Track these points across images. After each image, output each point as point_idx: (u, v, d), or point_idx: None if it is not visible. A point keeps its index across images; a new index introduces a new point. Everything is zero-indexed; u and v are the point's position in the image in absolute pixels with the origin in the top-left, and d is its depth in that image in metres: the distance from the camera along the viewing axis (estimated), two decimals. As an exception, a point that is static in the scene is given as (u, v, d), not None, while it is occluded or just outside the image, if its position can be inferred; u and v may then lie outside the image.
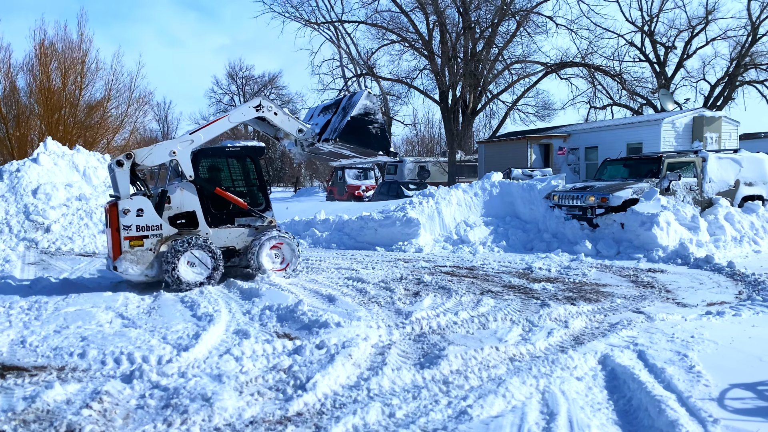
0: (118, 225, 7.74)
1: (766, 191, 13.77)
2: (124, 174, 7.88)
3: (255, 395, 4.17)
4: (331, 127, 8.97)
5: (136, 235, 7.80)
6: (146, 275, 7.91)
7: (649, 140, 23.67)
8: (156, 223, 7.92)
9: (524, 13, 32.80)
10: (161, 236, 7.95)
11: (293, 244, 8.80)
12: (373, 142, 8.96)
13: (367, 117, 8.85)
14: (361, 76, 33.85)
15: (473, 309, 6.54)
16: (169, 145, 8.12)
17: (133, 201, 7.82)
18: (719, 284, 8.20)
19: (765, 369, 4.44)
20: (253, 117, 8.65)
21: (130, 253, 7.77)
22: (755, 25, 35.91)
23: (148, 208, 7.88)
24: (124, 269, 7.74)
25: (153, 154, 8.02)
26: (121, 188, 7.86)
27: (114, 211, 7.77)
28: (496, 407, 3.88)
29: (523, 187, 14.08)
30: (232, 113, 8.63)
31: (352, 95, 9.31)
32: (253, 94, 71.29)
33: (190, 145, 8.14)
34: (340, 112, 9.11)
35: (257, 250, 8.42)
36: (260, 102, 8.56)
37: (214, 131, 8.39)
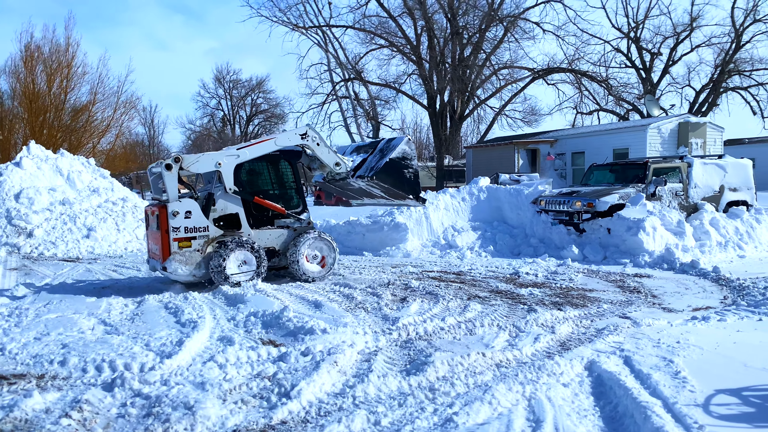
0: (167, 227, 7.97)
1: (750, 197, 13.90)
2: (172, 177, 8.07)
3: (239, 403, 4.11)
4: (367, 166, 9.26)
5: (184, 237, 8.07)
6: (194, 275, 8.20)
7: (635, 146, 23.88)
8: (203, 225, 8.21)
9: (511, 19, 33.00)
10: (208, 237, 8.24)
11: (330, 245, 9.13)
12: (406, 186, 9.25)
13: (404, 161, 9.16)
14: (349, 80, 33.85)
15: (460, 314, 6.52)
16: (217, 156, 8.38)
17: (181, 203, 8.06)
18: (705, 289, 8.24)
19: (750, 374, 4.45)
20: (297, 143, 8.98)
21: (179, 254, 8.02)
22: (739, 33, 36.41)
23: (195, 211, 8.16)
24: (173, 269, 7.98)
25: (200, 162, 8.28)
26: (170, 191, 8.07)
27: (163, 213, 7.98)
28: (482, 414, 3.85)
29: (510, 192, 14.11)
30: (278, 137, 8.95)
31: (390, 140, 9.57)
32: (240, 98, 71.08)
33: (235, 160, 8.44)
34: (377, 153, 9.39)
35: (297, 252, 8.76)
36: (307, 131, 8.98)
37: (259, 150, 8.65)
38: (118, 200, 15.96)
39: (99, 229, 14.37)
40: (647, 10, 38.96)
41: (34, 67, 26.42)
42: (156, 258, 8.43)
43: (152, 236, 8.59)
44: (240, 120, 73.23)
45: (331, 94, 34.52)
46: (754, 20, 35.98)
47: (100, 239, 14.06)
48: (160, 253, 8.17)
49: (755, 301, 7.08)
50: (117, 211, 15.41)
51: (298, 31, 33.12)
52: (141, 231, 15.08)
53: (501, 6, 33.66)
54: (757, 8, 35.69)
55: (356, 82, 34.59)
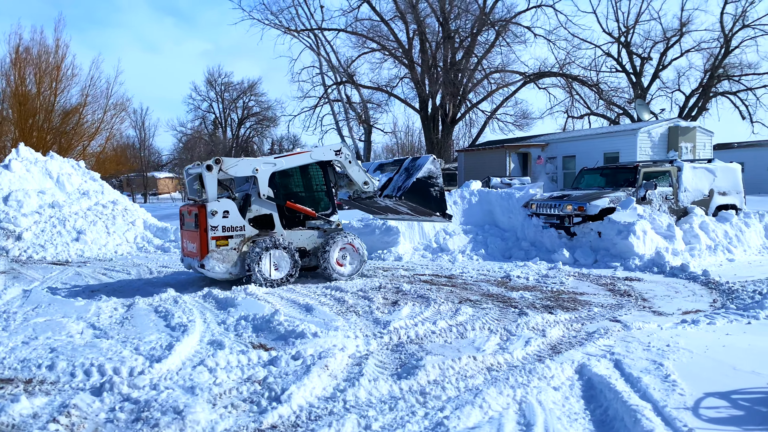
0: (206, 225, 8.27)
1: (739, 200, 14.00)
2: (212, 178, 8.40)
3: (229, 407, 4.09)
4: (393, 185, 9.61)
5: (222, 235, 8.39)
6: (230, 273, 8.51)
7: (626, 150, 24.01)
8: (240, 225, 8.53)
9: (503, 23, 33.12)
10: (244, 236, 8.57)
11: (359, 246, 9.44)
12: (433, 204, 9.52)
13: (430, 180, 9.46)
14: (341, 83, 33.85)
15: (451, 318, 6.52)
16: (255, 162, 8.73)
17: (220, 203, 8.39)
18: (694, 293, 8.28)
19: (739, 378, 4.47)
20: (331, 159, 9.36)
21: (217, 252, 8.34)
22: (728, 38, 36.72)
23: (233, 210, 8.48)
24: (210, 267, 8.28)
25: (238, 166, 8.62)
26: (209, 191, 8.40)
27: (202, 212, 8.30)
28: (473, 418, 3.84)
29: (501, 195, 14.14)
30: (314, 151, 9.34)
31: (415, 158, 9.86)
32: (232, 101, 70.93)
33: (272, 168, 8.80)
34: (403, 172, 9.73)
35: (328, 253, 9.09)
36: (341, 148, 9.44)
37: (295, 161, 9.10)
38: (108, 203, 15.87)
39: (89, 232, 14.28)
40: (637, 15, 39.24)
41: (23, 68, 26.26)
42: (192, 256, 8.72)
43: (188, 235, 8.88)
44: (231, 123, 73.05)
45: (323, 97, 34.51)
46: (742, 26, 36.31)
47: (90, 242, 13.97)
48: (197, 251, 8.45)
49: (744, 305, 7.12)
50: (107, 214, 15.32)
51: (290, 34, 33.11)
52: (131, 234, 15.00)
53: (492, 10, 33.80)
54: (745, 14, 36.04)
55: (348, 85, 34.61)
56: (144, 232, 15.34)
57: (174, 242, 14.81)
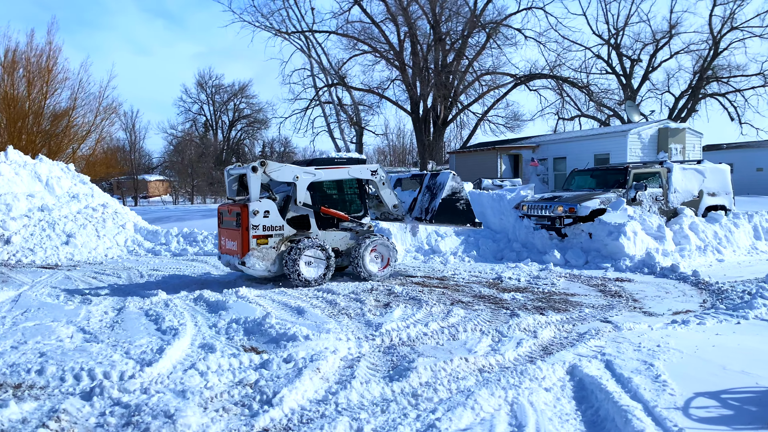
0: (248, 224, 8.58)
1: (729, 201, 14.11)
2: (256, 179, 8.70)
3: (220, 411, 4.07)
4: (420, 207, 10.08)
5: (262, 234, 8.71)
6: (269, 271, 8.81)
7: (616, 151, 24.14)
8: (279, 224, 8.87)
9: (494, 26, 33.24)
10: (282, 236, 8.89)
11: (390, 246, 9.72)
12: (462, 218, 9.97)
13: (455, 196, 9.89)
14: (332, 86, 33.84)
15: (443, 320, 6.52)
16: (296, 170, 9.05)
17: (261, 203, 8.71)
18: (684, 293, 8.33)
19: (728, 377, 4.50)
20: (367, 178, 9.76)
21: (257, 250, 8.64)
22: (716, 40, 37.03)
23: (273, 210, 8.82)
24: (251, 264, 8.59)
25: (281, 171, 8.93)
26: (253, 191, 8.71)
27: (245, 211, 8.60)
28: (464, 420, 3.85)
29: (493, 197, 14.18)
30: (352, 168, 9.65)
31: (434, 175, 10.21)
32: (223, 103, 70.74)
33: (311, 178, 9.13)
34: (426, 192, 10.13)
35: (361, 254, 9.39)
36: (377, 169, 9.83)
37: (333, 175, 9.45)
38: (98, 206, 15.78)
39: (78, 236, 14.19)
40: (627, 17, 39.50)
41: (13, 71, 26.07)
42: (231, 253, 9.03)
43: (228, 233, 9.18)
44: (222, 125, 72.90)
45: (315, 99, 34.50)
46: (731, 28, 36.62)
47: (80, 246, 13.88)
48: (238, 248, 8.77)
49: (734, 305, 7.17)
50: (97, 217, 15.23)
51: (280, 37, 33.07)
52: (121, 237, 14.91)
53: (483, 12, 33.91)
54: (734, 16, 36.36)
55: (339, 87, 34.60)
56: (134, 236, 15.26)
57: (164, 245, 14.74)
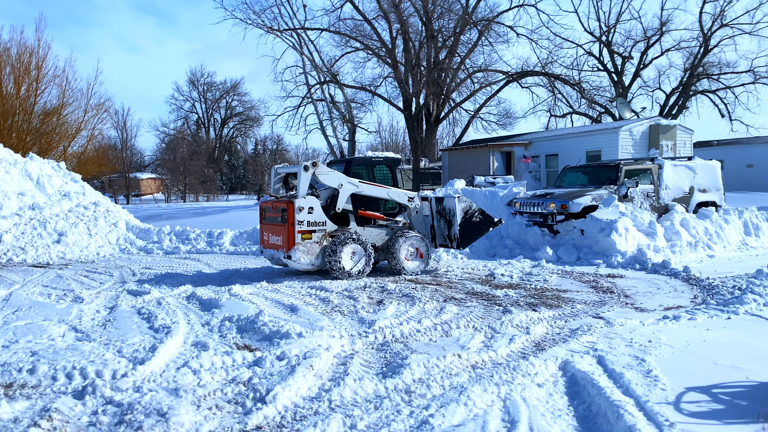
0: (293, 220, 9.02)
1: (719, 197, 14.20)
2: (306, 178, 9.16)
3: (213, 409, 4.06)
4: (440, 233, 10.51)
5: (306, 230, 9.16)
6: (312, 264, 9.20)
7: (608, 148, 24.23)
8: (322, 220, 9.32)
9: (486, 23, 33.24)
10: (325, 231, 9.34)
11: (425, 243, 10.10)
12: (483, 227, 10.38)
13: (468, 214, 10.23)
14: (324, 83, 33.75)
15: (436, 316, 6.54)
16: (342, 179, 9.52)
17: (306, 200, 9.15)
18: (676, 289, 8.38)
19: (719, 372, 4.54)
20: (403, 202, 10.23)
21: (302, 245, 9.08)
22: (707, 37, 37.20)
23: (317, 207, 9.27)
24: (296, 258, 9.00)
25: (329, 175, 9.39)
26: (302, 189, 9.16)
27: (291, 208, 9.04)
28: (457, 416, 3.86)
29: (485, 194, 14.22)
30: (391, 190, 10.12)
31: (439, 199, 10.47)
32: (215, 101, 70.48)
33: (353, 189, 9.60)
34: (439, 218, 10.48)
35: (397, 251, 9.77)
36: (415, 196, 10.33)
37: (373, 191, 9.89)
38: (90, 204, 15.70)
39: (70, 234, 14.12)
40: (618, 15, 39.65)
41: (1, 69, 25.87)
42: (275, 248, 9.49)
43: (271, 229, 9.62)
44: (214, 123, 72.69)
45: (307, 96, 34.38)
46: (721, 25, 36.81)
47: (71, 244, 13.81)
48: (283, 243, 9.23)
49: (724, 300, 7.22)
50: (89, 215, 15.15)
51: (272, 34, 32.91)
52: (113, 235, 14.84)
53: (475, 10, 33.90)
54: (724, 13, 36.53)
55: (332, 84, 34.51)
56: (126, 234, 15.20)
57: (156, 243, 14.69)
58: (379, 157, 10.55)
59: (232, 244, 14.24)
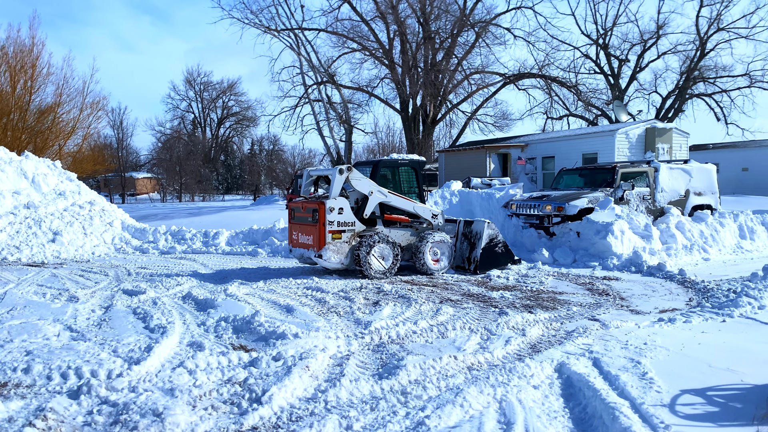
0: (324, 220, 9.33)
1: (715, 201, 14.25)
2: (340, 181, 9.49)
3: (209, 409, 4.06)
4: (460, 255, 10.74)
5: (337, 230, 9.48)
6: (342, 263, 9.53)
7: (604, 150, 24.27)
8: (351, 221, 9.63)
9: (483, 25, 33.31)
10: (354, 231, 9.66)
11: (449, 243, 10.33)
12: (502, 259, 10.52)
13: (493, 242, 10.46)
14: (321, 83, 33.74)
15: (432, 318, 6.54)
16: (373, 187, 9.84)
17: (337, 201, 9.45)
18: (671, 291, 8.41)
19: (714, 375, 4.55)
20: (427, 218, 10.41)
21: (332, 244, 9.39)
22: (703, 41, 37.34)
23: (346, 208, 9.58)
24: (327, 257, 9.33)
25: (361, 181, 9.73)
26: (334, 191, 9.47)
27: (322, 208, 9.35)
28: (453, 417, 3.86)
29: (482, 195, 14.24)
30: (417, 204, 10.41)
31: (468, 222, 10.90)
32: (212, 100, 70.37)
33: (382, 198, 9.90)
34: (462, 239, 10.79)
35: (422, 250, 10.02)
36: (439, 214, 10.60)
37: (400, 202, 10.16)
38: (85, 204, 15.65)
39: (65, 233, 14.07)
40: (615, 18, 39.75)
41: (-3, 67, 25.76)
42: (305, 247, 9.81)
43: (301, 228, 9.93)
44: (211, 123, 72.58)
45: (304, 97, 34.36)
46: (717, 29, 36.95)
47: (67, 243, 13.76)
48: (314, 242, 9.54)
49: (719, 303, 7.24)
50: (84, 214, 15.11)
51: (270, 34, 32.88)
52: (109, 235, 14.80)
53: (473, 11, 33.98)
54: (720, 17, 36.68)
55: (329, 85, 34.50)
56: (122, 233, 15.16)
57: (152, 243, 14.66)
58: (404, 159, 11.00)
59: (228, 245, 14.21)
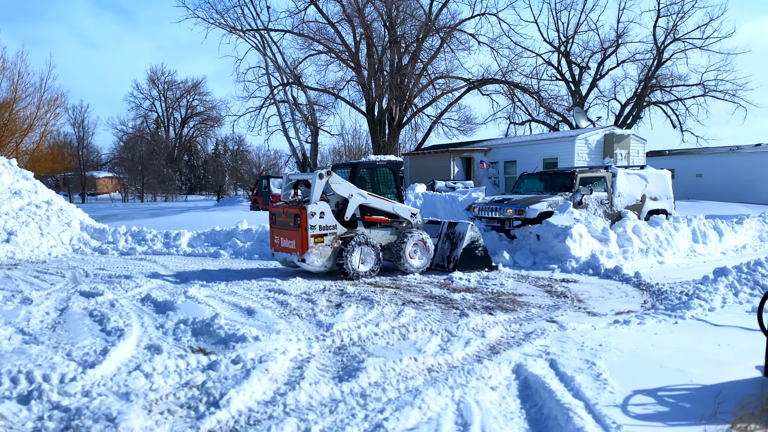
0: (306, 224, 9.39)
1: (670, 206, 14.65)
2: (321, 185, 9.57)
3: (165, 413, 4.00)
4: (441, 254, 10.93)
5: (319, 234, 9.55)
6: (325, 266, 9.66)
7: (564, 155, 24.73)
8: (333, 224, 9.70)
9: (448, 30, 33.61)
10: (335, 234, 9.73)
11: (429, 242, 10.50)
12: (480, 262, 10.75)
13: (474, 245, 10.72)
14: (287, 85, 33.55)
15: (394, 320, 6.57)
16: (353, 189, 9.94)
17: (318, 206, 9.52)
18: (627, 294, 8.61)
19: (665, 375, 4.69)
20: (407, 217, 10.58)
21: (315, 248, 9.48)
22: (660, 50, 38.40)
23: (327, 212, 9.64)
24: (311, 261, 9.46)
25: (341, 185, 9.83)
26: (315, 195, 9.54)
27: (304, 213, 9.40)
28: (411, 419, 3.89)
29: (445, 198, 14.36)
30: (396, 204, 10.56)
31: (452, 224, 11.14)
32: (176, 100, 69.23)
33: (362, 200, 10.02)
34: (445, 239, 11.02)
35: (402, 249, 10.20)
36: (418, 213, 10.76)
37: (379, 204, 10.29)
38: (42, 203, 15.23)
39: (20, 234, 13.67)
40: (576, 26, 40.60)
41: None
42: (288, 251, 9.87)
43: (283, 233, 9.97)
44: (174, 122, 71.40)
45: (269, 98, 34.13)
46: (673, 39, 38.04)
47: (22, 244, 13.37)
48: (296, 247, 9.61)
49: (672, 305, 7.45)
50: (41, 214, 14.70)
51: (235, 34, 32.54)
52: (66, 235, 14.43)
53: (438, 17, 34.25)
54: (676, 28, 37.79)
55: (294, 86, 34.32)
56: (81, 234, 14.79)
57: (112, 244, 14.34)
58: (382, 161, 11.22)
59: (189, 246, 14.01)
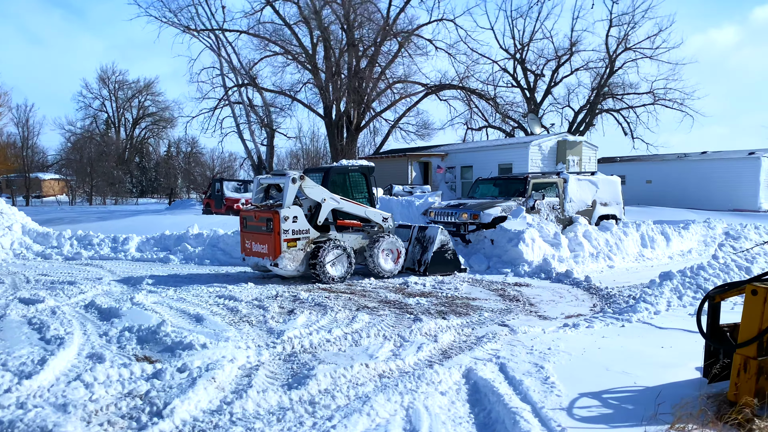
0: (279, 229, 9.38)
1: (619, 211, 15.04)
2: (293, 189, 9.54)
3: (104, 425, 3.86)
4: (411, 258, 11.13)
5: (292, 238, 9.56)
6: (298, 270, 9.68)
7: (519, 161, 25.14)
8: (305, 228, 9.74)
9: (406, 35, 33.76)
10: (308, 238, 9.78)
11: (400, 244, 10.67)
12: (450, 266, 10.98)
13: (443, 248, 10.93)
14: (242, 86, 33.10)
15: (348, 326, 6.52)
16: (325, 194, 9.99)
17: (290, 210, 9.52)
18: (577, 297, 8.78)
19: (610, 378, 4.78)
20: (379, 222, 10.73)
21: (288, 253, 9.49)
22: (612, 59, 39.45)
23: (300, 216, 9.66)
24: (283, 266, 9.44)
25: (314, 189, 9.84)
26: (288, 200, 9.50)
27: (276, 217, 9.38)
28: (360, 426, 3.85)
29: (402, 203, 14.39)
30: (368, 209, 10.63)
31: (422, 228, 11.33)
32: (127, 100, 67.59)
33: (335, 205, 10.10)
34: (416, 243, 11.23)
35: (375, 254, 10.31)
36: (389, 217, 10.97)
37: (352, 208, 10.38)
38: (-19, 206, 14.61)
39: (-43, 238, 13.07)
40: (532, 34, 41.36)
41: None
42: (259, 256, 9.80)
43: (255, 237, 9.88)
44: (125, 123, 69.67)
45: (224, 99, 33.59)
46: (625, 48, 39.10)
47: (-42, 248, 12.78)
48: (269, 251, 9.53)
49: (620, 309, 7.63)
50: (-21, 217, 14.09)
51: (189, 34, 31.94)
52: (7, 239, 13.87)
53: (396, 21, 34.37)
54: (627, 37, 38.86)
55: (250, 88, 33.89)
56: (22, 238, 14.24)
57: (56, 248, 13.85)
58: (354, 166, 11.24)
59: (138, 251, 13.64)
